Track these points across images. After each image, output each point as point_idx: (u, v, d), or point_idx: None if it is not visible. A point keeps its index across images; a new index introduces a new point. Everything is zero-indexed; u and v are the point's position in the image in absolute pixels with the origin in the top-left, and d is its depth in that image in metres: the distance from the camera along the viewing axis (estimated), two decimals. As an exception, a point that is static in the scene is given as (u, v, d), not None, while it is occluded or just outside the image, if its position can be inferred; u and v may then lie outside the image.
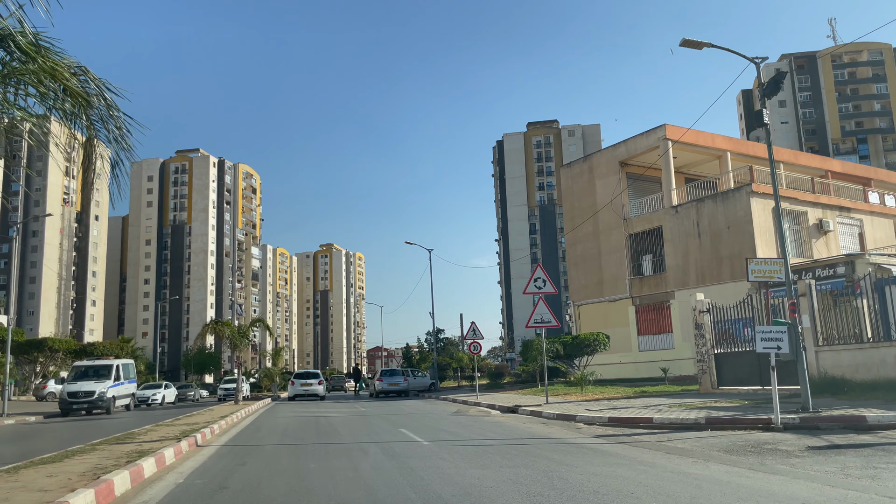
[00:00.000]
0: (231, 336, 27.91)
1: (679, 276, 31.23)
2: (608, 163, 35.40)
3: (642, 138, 33.80)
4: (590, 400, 17.81)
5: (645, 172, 35.85)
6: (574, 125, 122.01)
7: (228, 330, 28.21)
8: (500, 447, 9.61)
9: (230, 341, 26.92)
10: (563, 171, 38.48)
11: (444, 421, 14.86)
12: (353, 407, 23.35)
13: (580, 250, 36.79)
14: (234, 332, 28.55)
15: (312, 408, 23.18)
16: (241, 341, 27.14)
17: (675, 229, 31.57)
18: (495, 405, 18.55)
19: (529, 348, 27.94)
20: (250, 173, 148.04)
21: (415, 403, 24.30)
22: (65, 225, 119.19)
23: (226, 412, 18.58)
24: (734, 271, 28.93)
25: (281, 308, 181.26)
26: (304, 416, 18.39)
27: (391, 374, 34.75)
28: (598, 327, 32.85)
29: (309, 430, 13.54)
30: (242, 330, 29.25)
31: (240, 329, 27.89)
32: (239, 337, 28.03)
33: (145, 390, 37.99)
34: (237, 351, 27.31)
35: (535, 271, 17.37)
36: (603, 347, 28.07)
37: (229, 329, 28.44)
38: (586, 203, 36.53)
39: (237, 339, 27.87)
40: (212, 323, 28.15)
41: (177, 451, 9.42)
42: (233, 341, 27.20)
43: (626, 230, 34.09)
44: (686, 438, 9.80)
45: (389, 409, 20.24)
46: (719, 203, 29.82)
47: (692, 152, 33.96)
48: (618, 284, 34.28)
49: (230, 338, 27.20)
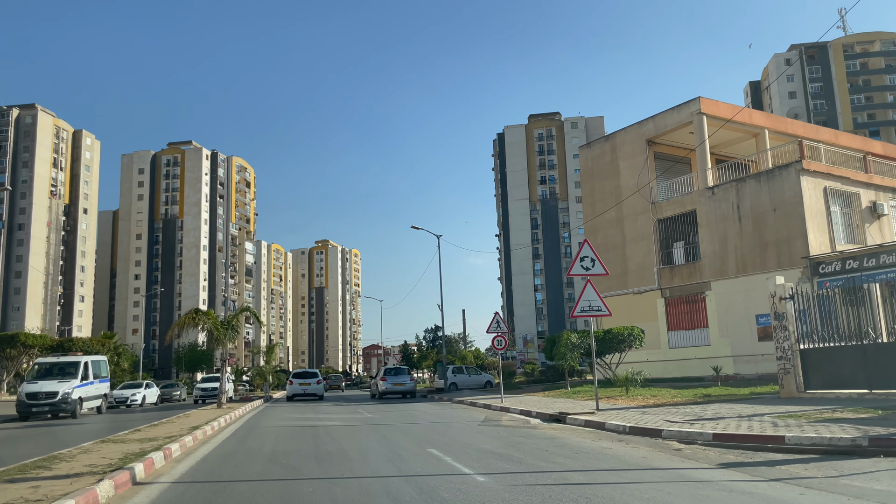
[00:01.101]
0: (213, 328, 23.83)
1: (716, 265, 28.12)
2: (634, 142, 32.25)
3: (672, 113, 30.68)
4: (647, 406, 14.70)
5: (673, 152, 32.77)
6: (577, 117, 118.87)
7: (210, 321, 23.94)
8: (601, 488, 6.46)
9: (213, 335, 23.49)
10: (583, 152, 35.32)
11: (480, 435, 11.70)
12: (357, 411, 20.33)
13: (601, 238, 33.63)
14: (216, 322, 24.19)
15: (310, 412, 20.14)
16: (226, 334, 23.81)
17: (711, 213, 28.46)
18: (531, 411, 15.43)
19: (556, 344, 24.68)
20: (244, 166, 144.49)
21: (428, 407, 21.12)
22: (52, 218, 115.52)
23: (201, 420, 15.36)
24: (781, 258, 25.88)
25: (275, 305, 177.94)
26: (299, 425, 15.21)
27: (396, 372, 31.38)
28: (622, 322, 29.66)
29: (305, 450, 10.07)
30: (227, 321, 25.00)
31: (224, 320, 24.40)
32: (223, 329, 24.05)
33: (124, 390, 34.73)
34: (221, 345, 23.78)
35: (583, 248, 14.19)
36: (638, 343, 24.95)
37: (211, 320, 24.08)
38: (608, 186, 33.40)
39: (220, 332, 23.84)
40: (190, 313, 24.07)
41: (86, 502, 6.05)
42: (215, 334, 23.90)
43: (654, 215, 30.96)
44: (866, 471, 6.72)
45: (402, 416, 17.25)
46: (763, 183, 26.70)
47: (727, 129, 30.75)
48: (644, 275, 31.16)
49: (212, 330, 23.92)
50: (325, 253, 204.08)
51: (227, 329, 23.48)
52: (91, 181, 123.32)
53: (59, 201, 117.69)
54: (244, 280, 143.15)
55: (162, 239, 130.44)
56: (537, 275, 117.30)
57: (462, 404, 21.78)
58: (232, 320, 24.20)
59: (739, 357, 26.91)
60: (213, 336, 22.63)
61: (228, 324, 24.02)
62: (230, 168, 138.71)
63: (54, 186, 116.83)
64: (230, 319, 24.29)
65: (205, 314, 22.92)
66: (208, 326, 22.74)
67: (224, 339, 23.03)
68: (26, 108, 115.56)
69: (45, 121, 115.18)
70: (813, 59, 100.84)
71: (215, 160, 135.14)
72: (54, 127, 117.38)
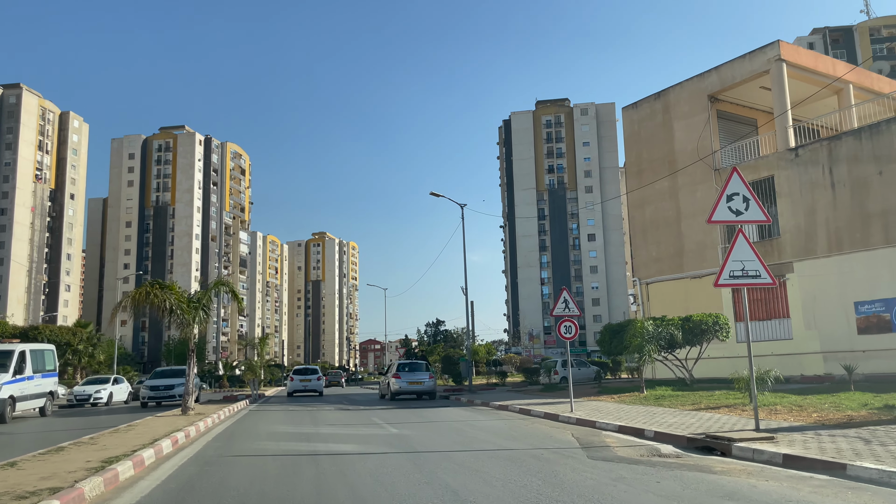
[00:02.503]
0: (177, 306, 17.26)
1: (800, 242, 23.21)
2: (692, 98, 27.29)
3: (742, 63, 25.70)
4: (830, 425, 9.75)
5: (738, 112, 27.84)
6: (587, 103, 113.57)
7: (174, 297, 17.35)
8: None
9: (176, 315, 17.47)
10: (627, 114, 30.31)
11: (630, 489, 6.39)
12: (372, 422, 14.95)
13: (650, 213, 28.69)
14: (180, 299, 17.62)
15: (307, 424, 14.97)
16: (194, 315, 17.85)
17: (794, 179, 23.52)
18: (642, 430, 10.30)
19: (621, 333, 19.56)
20: (239, 153, 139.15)
21: (468, 416, 15.76)
22: (37, 203, 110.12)
23: (143, 439, 10.27)
24: (890, 232, 20.97)
25: (271, 298, 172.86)
26: (291, 452, 9.94)
27: (412, 368, 25.90)
28: (674, 311, 24.64)
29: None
30: (196, 298, 18.79)
31: (192, 297, 18.77)
32: (189, 308, 17.78)
33: (86, 386, 29.72)
34: (187, 329, 17.91)
35: (731, 180, 9.27)
36: (724, 335, 19.97)
37: (175, 296, 17.49)
38: (658, 152, 28.44)
39: (186, 312, 17.51)
40: (145, 286, 17.71)
41: None
42: (178, 314, 17.35)
43: (718, 184, 25.95)
44: None
45: (441, 433, 11.99)
46: (866, 140, 21.76)
47: (806, 82, 25.90)
48: (705, 255, 26.24)
49: (175, 309, 17.34)
50: (321, 245, 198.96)
51: (196, 308, 17.92)
52: (79, 166, 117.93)
53: (45, 186, 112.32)
54: (238, 271, 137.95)
55: (153, 227, 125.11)
56: (544, 268, 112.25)
57: (511, 411, 16.60)
58: (203, 298, 18.73)
59: (832, 353, 21.99)
60: (176, 317, 17.17)
61: (198, 302, 18.34)
62: (224, 154, 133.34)
63: (39, 170, 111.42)
64: (200, 297, 18.81)
65: (166, 288, 17.53)
66: (170, 304, 17.64)
67: (192, 322, 17.73)
68: (10, 87, 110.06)
69: (30, 101, 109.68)
70: (837, 42, 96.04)
71: (209, 146, 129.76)
72: (40, 108, 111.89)
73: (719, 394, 15.63)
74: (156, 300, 16.44)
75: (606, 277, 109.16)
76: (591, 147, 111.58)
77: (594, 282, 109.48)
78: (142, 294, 16.54)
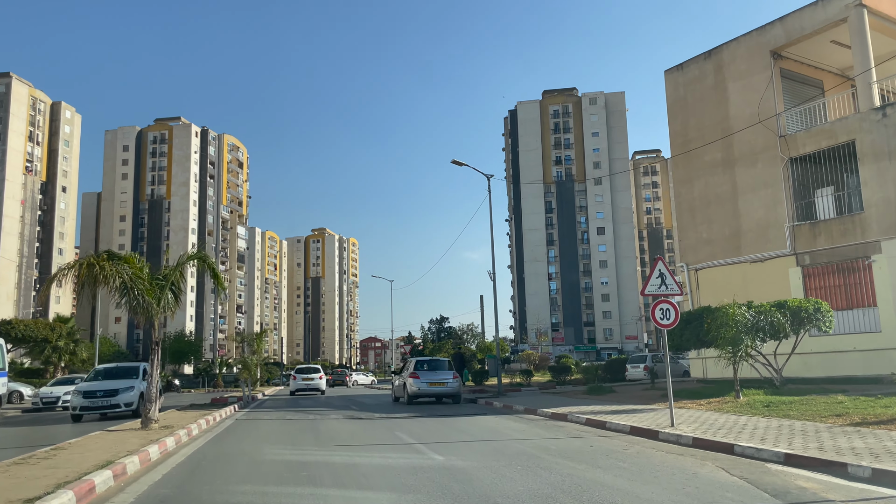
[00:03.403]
0: (131, 283, 12.89)
1: (889, 218, 19.65)
2: (751, 55, 23.68)
3: (814, 11, 22.10)
4: None
5: (803, 72, 24.27)
6: (596, 92, 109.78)
7: (131, 271, 13.11)
8: None
9: (132, 296, 12.98)
10: (671, 77, 26.69)
11: None
12: (398, 437, 11.62)
13: (699, 189, 25.11)
14: (139, 275, 13.30)
15: (309, 444, 11.24)
16: (159, 296, 13.52)
17: (881, 144, 19.94)
18: (845, 464, 6.55)
19: (689, 324, 15.83)
20: (236, 145, 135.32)
21: (530, 433, 11.84)
22: (27, 196, 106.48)
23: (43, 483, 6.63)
24: None
25: (270, 295, 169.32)
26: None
27: (433, 366, 21.76)
28: (730, 300, 20.97)
29: None
30: (162, 275, 14.31)
31: (156, 274, 14.30)
32: (152, 287, 13.49)
33: (55, 387, 26.17)
34: (144, 316, 13.43)
35: None
36: (826, 325, 16.34)
37: (133, 269, 13.22)
38: (710, 119, 24.85)
39: (148, 292, 13.19)
40: (89, 257, 13.18)
41: None
42: (135, 294, 12.95)
43: (784, 152, 22.41)
44: None
45: (533, 477, 7.24)
46: (976, 93, 18.17)
47: (890, 35, 22.34)
48: (769, 235, 22.66)
49: (131, 287, 12.92)
50: (321, 241, 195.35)
51: (162, 288, 13.63)
52: (71, 157, 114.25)
53: (36, 178, 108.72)
54: (236, 267, 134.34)
55: (148, 221, 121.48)
56: (551, 262, 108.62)
57: (573, 424, 12.85)
58: (171, 275, 14.11)
59: (932, 348, 18.46)
60: (133, 299, 13.06)
61: (164, 280, 13.94)
62: (221, 146, 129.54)
63: (30, 162, 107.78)
64: (167, 273, 14.28)
65: (120, 260, 13.49)
66: (125, 281, 12.72)
67: (155, 305, 13.25)
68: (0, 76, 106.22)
69: (20, 90, 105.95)
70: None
71: (205, 137, 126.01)
72: (30, 98, 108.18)
73: (847, 400, 12.07)
74: (104, 275, 12.44)
75: (616, 272, 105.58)
76: (600, 137, 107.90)
77: (604, 277, 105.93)
78: (84, 267, 12.49)
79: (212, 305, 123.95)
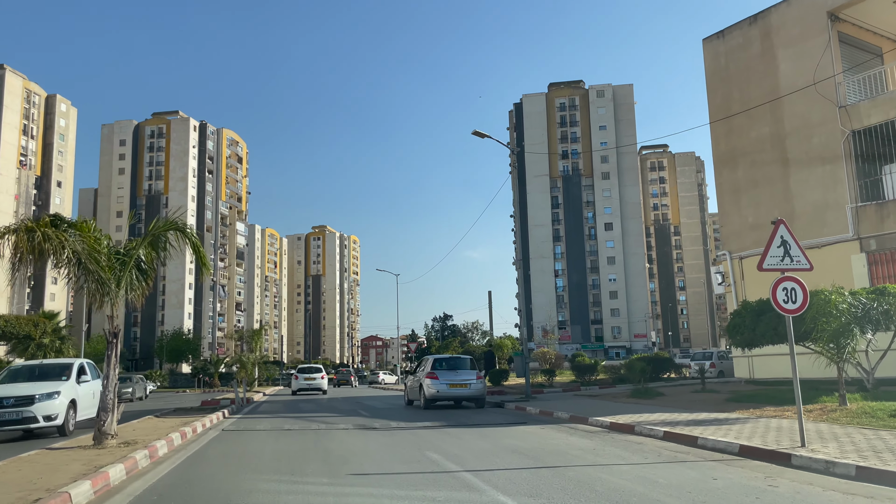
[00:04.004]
0: (88, 258, 10.24)
1: (975, 196, 17.15)
2: (805, 18, 21.18)
3: (879, -35, 19.58)
4: None
5: (863, 37, 21.76)
6: (604, 85, 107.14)
7: (84, 242, 10.45)
8: None
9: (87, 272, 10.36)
10: (710, 46, 24.17)
11: None
12: (443, 469, 8.28)
13: (744, 169, 22.62)
14: (95, 247, 10.53)
15: (313, 477, 8.05)
16: (118, 275, 10.65)
17: (964, 111, 17.44)
18: None
19: (763, 315, 13.21)
20: (235, 140, 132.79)
21: (611, 455, 9.14)
22: (21, 191, 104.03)
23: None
24: None
25: (270, 293, 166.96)
26: None
27: (452, 365, 19.02)
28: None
29: None
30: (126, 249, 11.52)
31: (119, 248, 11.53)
32: (112, 264, 10.74)
33: (29, 389, 23.67)
34: (106, 297, 10.57)
35: None
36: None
37: (87, 240, 10.56)
38: (757, 90, 22.35)
39: (105, 270, 10.46)
40: (24, 223, 10.71)
41: None
42: (86, 269, 10.34)
43: (844, 125, 19.90)
44: None
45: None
46: None
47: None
48: (827, 218, 20.18)
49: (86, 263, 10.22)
50: (322, 239, 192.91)
51: (125, 264, 10.78)
52: (66, 152, 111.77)
53: (30, 172, 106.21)
54: (235, 263, 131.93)
55: (145, 217, 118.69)
56: (558, 259, 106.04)
57: (649, 438, 10.54)
58: (138, 248, 11.40)
59: None
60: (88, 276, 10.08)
61: (127, 255, 11.07)
62: (220, 141, 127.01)
63: (24, 156, 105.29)
64: (131, 247, 11.49)
65: (72, 227, 10.53)
66: (78, 254, 10.10)
67: (113, 286, 10.47)
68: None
69: (14, 82, 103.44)
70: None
71: (204, 132, 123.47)
72: (24, 90, 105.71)
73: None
74: (50, 246, 9.60)
75: (625, 269, 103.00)
76: (607, 131, 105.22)
77: (612, 273, 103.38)
78: (22, 232, 9.69)
79: (210, 303, 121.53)
